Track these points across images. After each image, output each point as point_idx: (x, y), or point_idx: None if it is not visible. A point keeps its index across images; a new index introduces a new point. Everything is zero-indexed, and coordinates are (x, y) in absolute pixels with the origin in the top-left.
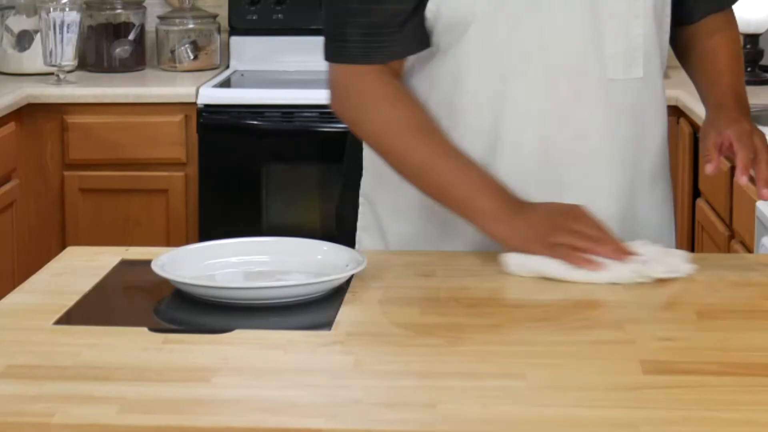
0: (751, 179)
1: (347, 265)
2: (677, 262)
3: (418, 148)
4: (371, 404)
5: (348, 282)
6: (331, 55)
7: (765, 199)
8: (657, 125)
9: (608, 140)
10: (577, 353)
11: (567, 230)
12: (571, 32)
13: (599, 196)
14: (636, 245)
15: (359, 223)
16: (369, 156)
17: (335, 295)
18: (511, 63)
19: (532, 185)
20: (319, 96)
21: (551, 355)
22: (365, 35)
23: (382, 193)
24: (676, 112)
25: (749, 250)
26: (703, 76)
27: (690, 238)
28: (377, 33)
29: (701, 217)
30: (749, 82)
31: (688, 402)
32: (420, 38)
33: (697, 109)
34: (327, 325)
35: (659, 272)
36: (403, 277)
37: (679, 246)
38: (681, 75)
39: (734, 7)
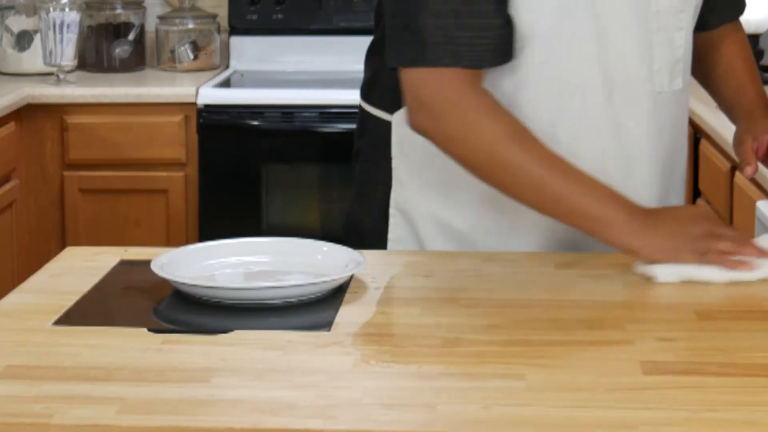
0: None
1: (347, 266)
2: None
3: (534, 161)
4: (370, 405)
5: (348, 282)
6: (412, 58)
7: None
8: (686, 134)
9: (654, 151)
10: (577, 353)
11: (712, 236)
12: (625, 46)
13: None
14: (765, 241)
15: (390, 235)
16: (404, 167)
17: (335, 295)
18: (569, 76)
19: None
20: (319, 96)
21: (551, 356)
22: (459, 37)
23: (424, 206)
24: None
25: None
26: (724, 86)
27: None
28: (474, 36)
29: None
30: None
31: (688, 402)
32: (507, 50)
33: (698, 110)
34: (326, 325)
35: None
36: (403, 277)
37: None
38: None
39: None
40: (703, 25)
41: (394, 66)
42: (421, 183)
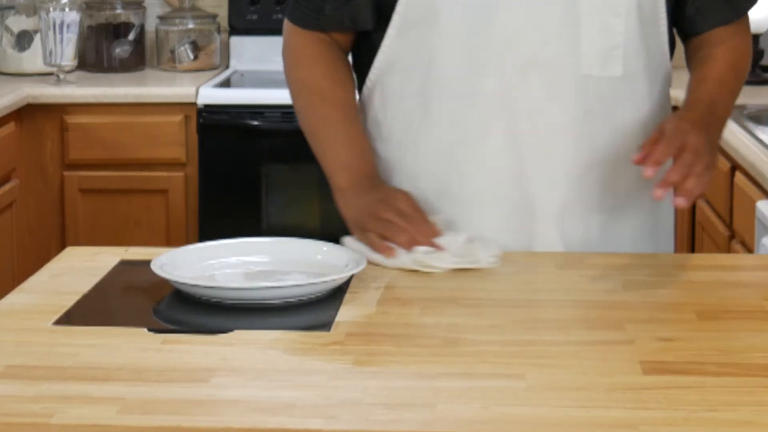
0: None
1: (347, 265)
2: (479, 255)
3: (315, 111)
4: (370, 405)
5: (348, 282)
6: (287, 13)
7: (657, 199)
8: (638, 127)
9: (579, 136)
10: (576, 353)
11: (377, 217)
12: (547, 26)
13: (566, 192)
14: (447, 236)
15: None
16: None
17: (335, 295)
18: (482, 53)
19: (499, 177)
20: None
21: (551, 356)
22: (310, 1)
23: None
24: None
25: (749, 250)
26: (692, 77)
27: (690, 238)
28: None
29: (701, 217)
30: (749, 82)
31: (688, 402)
32: (357, 19)
33: None
34: (326, 325)
35: (447, 262)
36: (403, 277)
37: (679, 247)
38: (680, 76)
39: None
40: (690, 28)
41: None
42: (381, 158)
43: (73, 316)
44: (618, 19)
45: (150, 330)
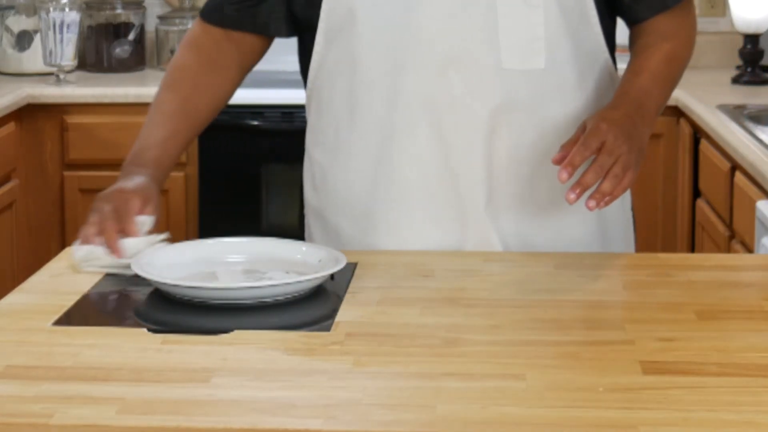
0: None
1: (323, 263)
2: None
3: (159, 93)
4: (370, 405)
5: (347, 282)
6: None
7: (570, 202)
8: (568, 120)
9: (502, 130)
10: (576, 353)
11: (92, 207)
12: (463, 20)
13: (498, 186)
14: (140, 239)
15: (306, 224)
16: (307, 163)
17: (334, 295)
18: (401, 53)
19: (426, 174)
20: None
21: (551, 356)
22: None
23: (309, 197)
24: (676, 112)
25: (749, 250)
26: (626, 70)
27: (690, 238)
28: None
29: (701, 217)
30: (749, 82)
31: (688, 403)
32: (260, 24)
33: (698, 110)
34: (326, 325)
35: (98, 265)
36: (403, 277)
37: (679, 247)
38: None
39: (733, 6)
40: (632, 15)
41: None
42: (308, 175)
43: (72, 317)
44: (536, 10)
45: (150, 330)
